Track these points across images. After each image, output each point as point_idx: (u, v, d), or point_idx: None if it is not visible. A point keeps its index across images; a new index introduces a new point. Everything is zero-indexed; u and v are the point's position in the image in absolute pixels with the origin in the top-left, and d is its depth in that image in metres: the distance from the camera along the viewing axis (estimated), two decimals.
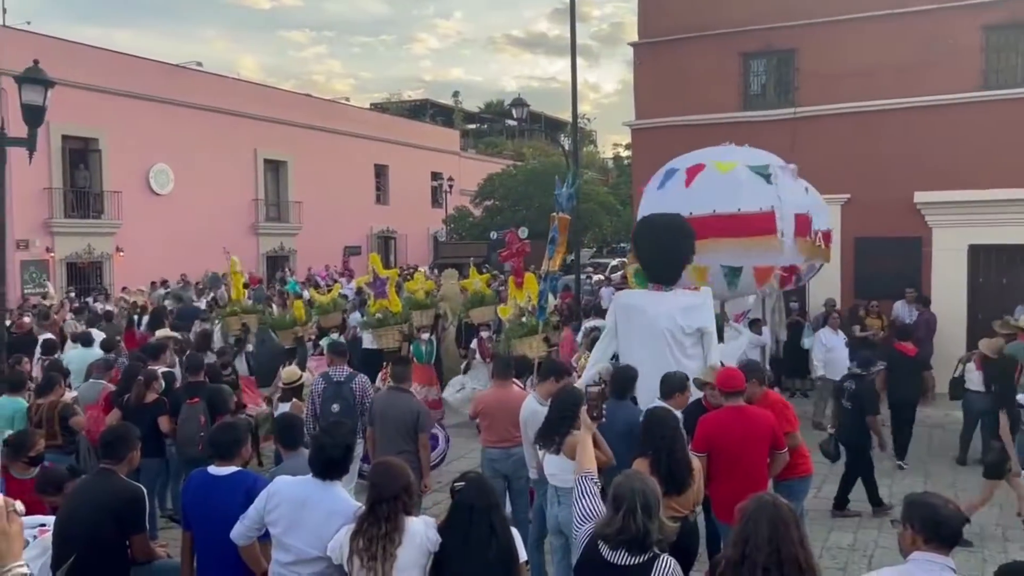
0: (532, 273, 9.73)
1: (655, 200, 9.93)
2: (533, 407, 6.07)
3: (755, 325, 10.97)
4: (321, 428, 4.29)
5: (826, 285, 14.12)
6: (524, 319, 9.07)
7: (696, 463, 4.88)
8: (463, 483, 3.71)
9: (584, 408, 4.28)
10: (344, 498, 4.07)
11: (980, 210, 13.22)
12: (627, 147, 41.41)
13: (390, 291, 10.49)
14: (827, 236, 10.48)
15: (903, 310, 13.35)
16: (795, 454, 5.98)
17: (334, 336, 11.54)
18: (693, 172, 9.84)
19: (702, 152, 10.42)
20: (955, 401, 9.82)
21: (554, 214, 9.38)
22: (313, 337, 12.01)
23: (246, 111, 28.72)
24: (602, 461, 4.48)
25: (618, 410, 5.57)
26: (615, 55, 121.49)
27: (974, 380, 9.42)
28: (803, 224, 9.61)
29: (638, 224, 8.19)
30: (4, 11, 25.67)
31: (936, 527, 3.12)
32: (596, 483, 3.81)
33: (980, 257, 13.63)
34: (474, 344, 11.83)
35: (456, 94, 65.26)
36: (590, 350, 9.56)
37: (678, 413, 5.65)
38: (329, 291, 13.65)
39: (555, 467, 5.36)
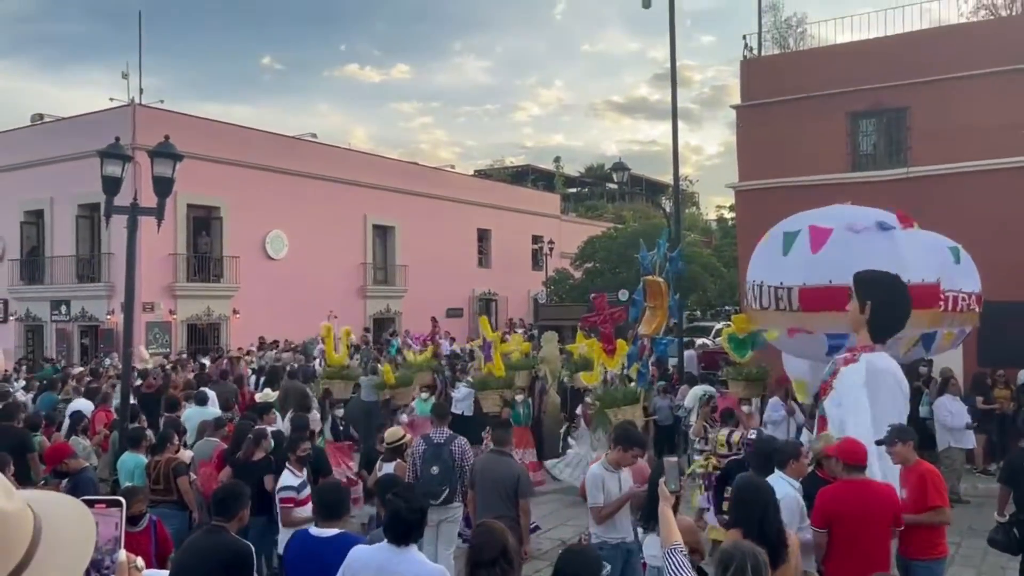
0: (623, 340, 9.60)
1: (779, 264, 9.17)
2: (597, 472, 6.06)
3: None
4: (394, 492, 4.26)
5: (949, 352, 13.36)
6: (615, 386, 8.93)
7: (793, 538, 4.59)
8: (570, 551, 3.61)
9: (663, 480, 4.09)
10: (421, 561, 4.03)
11: None
12: (730, 208, 40.86)
13: (495, 355, 10.57)
14: (979, 299, 9.62)
15: None
16: (936, 532, 5.67)
17: (424, 396, 11.71)
18: (821, 236, 9.19)
19: (821, 212, 9.83)
20: None
21: (645, 277, 9.29)
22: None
23: (356, 179, 29.93)
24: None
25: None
26: (717, 118, 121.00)
27: None
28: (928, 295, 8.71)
29: (864, 278, 7.58)
30: (141, 91, 27.92)
31: None
32: (685, 554, 3.65)
33: None
34: (579, 410, 11.72)
35: (557, 159, 66.18)
36: (708, 420, 9.32)
37: (795, 482, 5.42)
38: (422, 353, 13.83)
39: (657, 548, 5.19)
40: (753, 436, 8.13)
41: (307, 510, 6.28)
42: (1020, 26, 14.62)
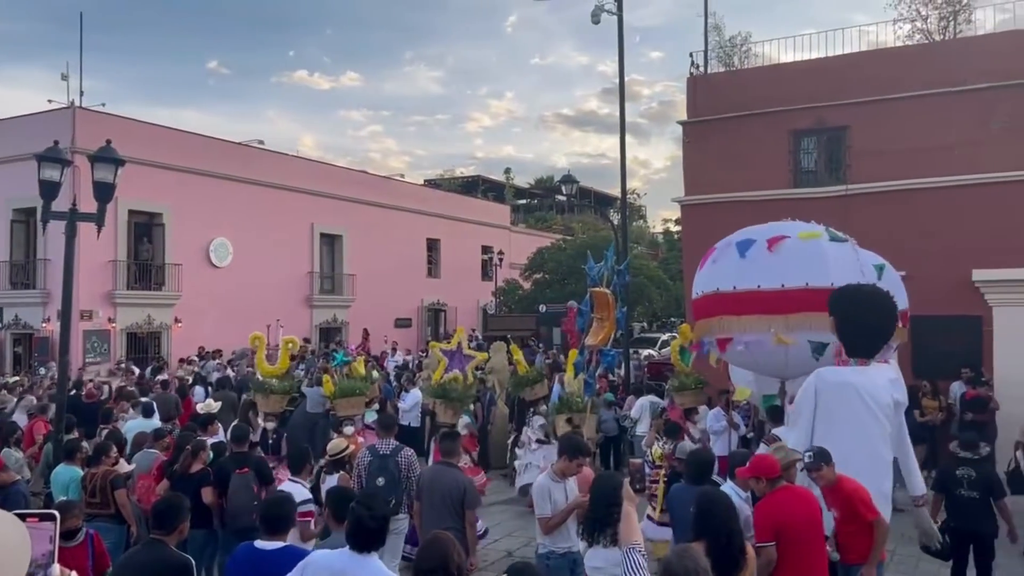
0: (574, 350, 9.71)
1: (735, 268, 9.42)
2: (544, 483, 6.08)
3: None
4: (357, 499, 4.28)
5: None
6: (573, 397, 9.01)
7: (751, 551, 4.64)
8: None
9: (627, 480, 4.21)
10: (381, 569, 4.02)
11: None
12: (677, 222, 41.47)
13: (469, 369, 10.52)
14: (904, 316, 9.88)
15: (959, 391, 12.93)
16: (874, 539, 5.77)
17: (376, 408, 11.62)
18: (775, 242, 9.43)
19: (769, 226, 10.05)
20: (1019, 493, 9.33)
21: (592, 289, 9.39)
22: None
23: (304, 187, 29.62)
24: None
25: (687, 495, 5.43)
26: (664, 132, 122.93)
27: None
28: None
29: (839, 295, 7.66)
30: (81, 93, 27.22)
31: None
32: (643, 555, 3.71)
33: None
34: (532, 420, 11.69)
35: (507, 170, 66.44)
36: (660, 432, 9.43)
37: (743, 492, 5.48)
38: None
39: (602, 560, 5.24)
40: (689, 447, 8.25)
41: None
42: (952, 51, 15.20)
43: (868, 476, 5.85)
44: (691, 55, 17.17)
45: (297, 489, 6.43)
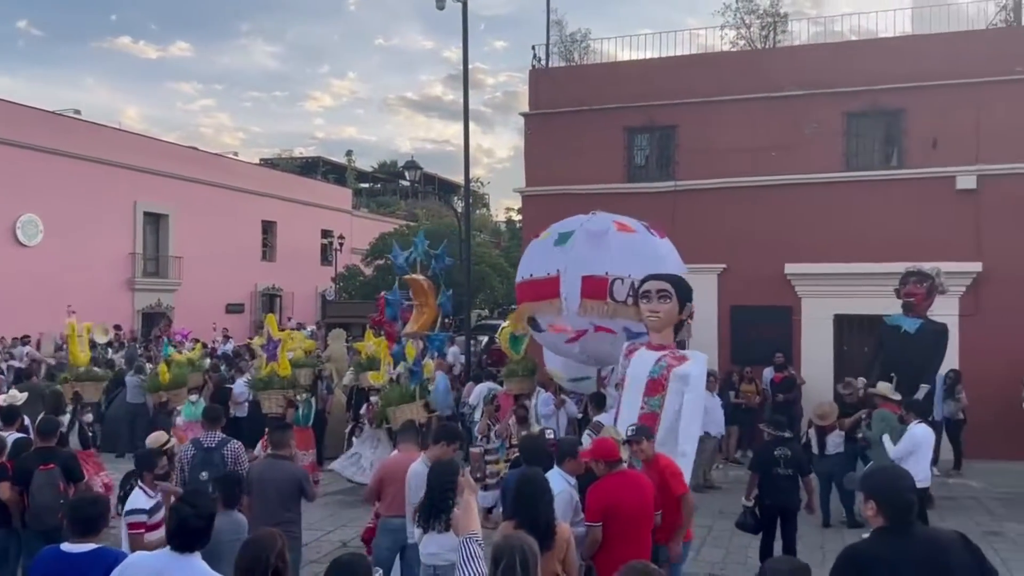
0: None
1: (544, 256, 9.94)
2: (420, 470, 5.98)
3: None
4: (181, 496, 4.08)
5: (704, 351, 14.68)
6: (399, 384, 8.97)
7: (564, 528, 4.81)
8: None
9: (467, 470, 4.26)
10: (205, 570, 3.85)
11: (844, 282, 14.15)
12: (519, 211, 42.24)
13: (281, 354, 10.21)
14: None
15: (769, 375, 14.03)
16: (681, 517, 6.09)
17: (192, 399, 11.13)
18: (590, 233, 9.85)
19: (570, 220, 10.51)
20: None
21: (403, 276, 9.36)
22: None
23: (126, 162, 27.69)
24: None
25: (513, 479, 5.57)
26: (508, 122, 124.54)
27: (814, 445, 9.98)
28: (595, 285, 9.14)
29: (683, 282, 8.28)
30: None
31: None
32: (480, 544, 3.77)
33: (844, 326, 14.52)
34: (364, 409, 11.58)
35: (349, 153, 65.04)
36: (492, 419, 9.56)
37: (572, 479, 5.63)
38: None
39: (437, 546, 5.25)
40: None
41: (160, 534, 5.64)
42: (771, 59, 16.31)
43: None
44: (533, 48, 17.47)
45: (137, 496, 5.86)
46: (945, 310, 12.86)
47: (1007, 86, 13.87)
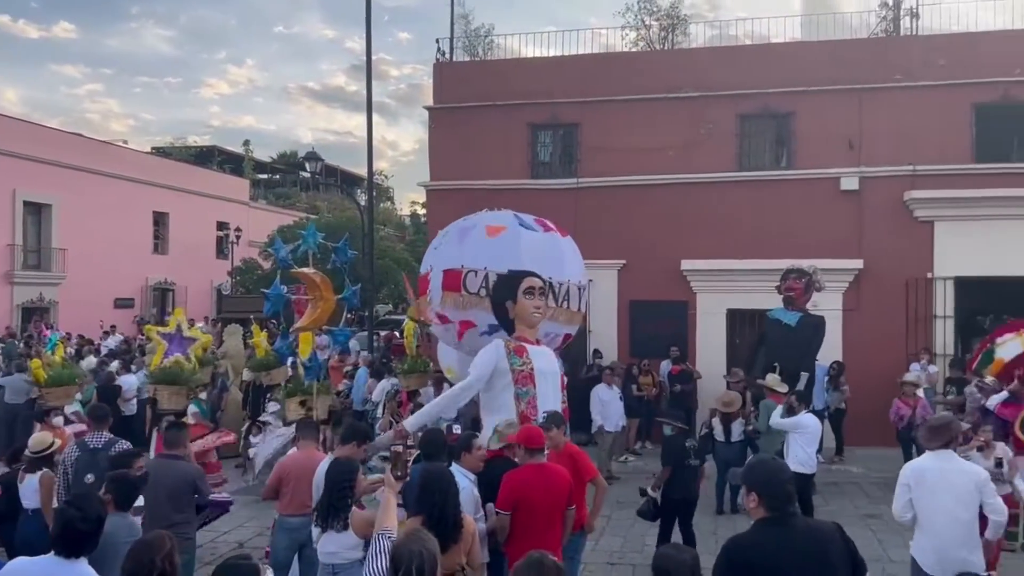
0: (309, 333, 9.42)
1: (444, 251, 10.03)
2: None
3: None
4: (67, 500, 3.91)
5: (605, 345, 15.06)
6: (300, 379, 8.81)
7: (470, 522, 4.84)
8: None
9: (388, 468, 4.26)
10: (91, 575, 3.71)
11: (736, 278, 14.70)
12: (424, 205, 41.99)
13: (196, 349, 9.84)
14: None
15: (666, 368, 14.46)
16: (583, 510, 6.20)
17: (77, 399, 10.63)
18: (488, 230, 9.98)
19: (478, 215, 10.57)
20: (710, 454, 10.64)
21: (289, 270, 9.19)
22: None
23: (3, 148, 26.08)
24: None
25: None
26: (413, 115, 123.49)
27: (719, 432, 10.35)
28: (450, 278, 9.25)
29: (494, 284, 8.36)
30: None
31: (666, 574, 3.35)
32: (392, 540, 3.77)
33: (736, 320, 15.10)
34: (270, 407, 11.24)
35: (247, 143, 62.94)
36: (394, 415, 9.47)
37: (471, 475, 5.64)
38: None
39: (335, 545, 5.18)
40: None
41: None
42: (669, 60, 16.77)
43: None
44: (438, 41, 17.39)
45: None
46: (829, 305, 13.58)
47: (887, 92, 14.69)
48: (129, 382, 13.12)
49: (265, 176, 60.97)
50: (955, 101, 14.46)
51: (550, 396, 7.34)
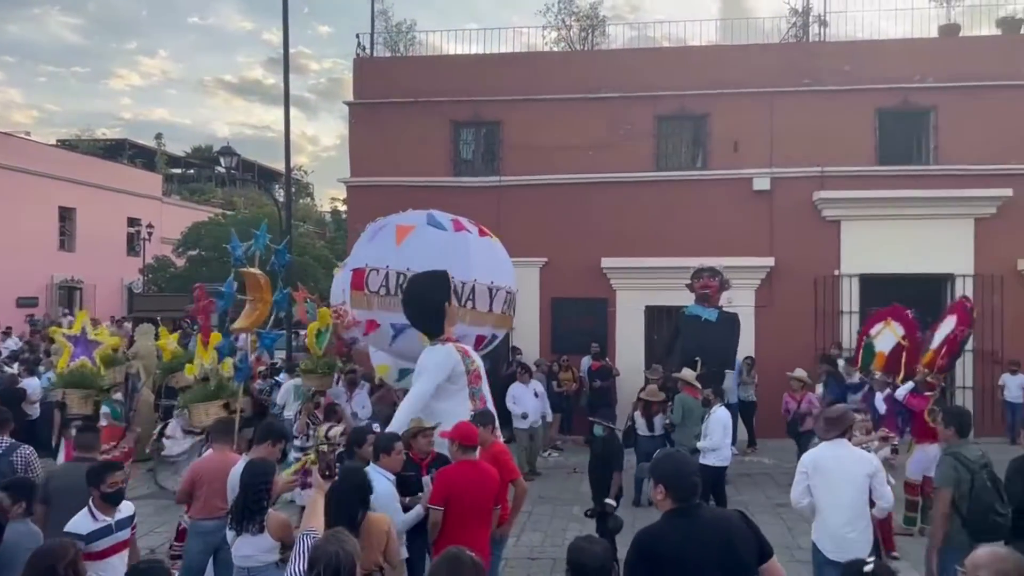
0: (218, 332, 9.19)
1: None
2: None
3: None
4: None
5: (528, 342, 15.17)
6: (211, 380, 8.56)
7: (384, 521, 4.83)
8: None
9: (317, 467, 4.24)
10: None
11: (654, 275, 15.00)
12: (345, 202, 41.42)
13: (103, 352, 9.43)
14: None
15: (586, 364, 14.68)
16: (505, 507, 6.24)
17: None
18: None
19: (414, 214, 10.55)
20: (630, 448, 10.86)
21: (240, 269, 8.99)
22: None
23: None
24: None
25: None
26: (334, 110, 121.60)
27: (641, 426, 10.56)
28: (356, 277, 9.46)
29: (407, 281, 8.19)
30: None
31: (580, 568, 3.43)
32: (315, 539, 3.75)
33: (654, 317, 15.42)
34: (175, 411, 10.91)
35: (159, 136, 60.85)
36: (311, 416, 9.31)
37: (390, 475, 5.61)
38: None
39: (251, 548, 5.07)
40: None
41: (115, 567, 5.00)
42: (589, 61, 16.95)
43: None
44: (357, 36, 17.20)
45: (80, 519, 5.11)
46: (742, 302, 14.05)
47: (797, 96, 15.23)
48: (32, 385, 12.58)
49: (179, 171, 59.09)
50: (860, 105, 15.11)
51: (488, 393, 7.45)
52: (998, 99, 14.74)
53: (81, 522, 5.04)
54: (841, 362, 12.50)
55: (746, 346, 13.76)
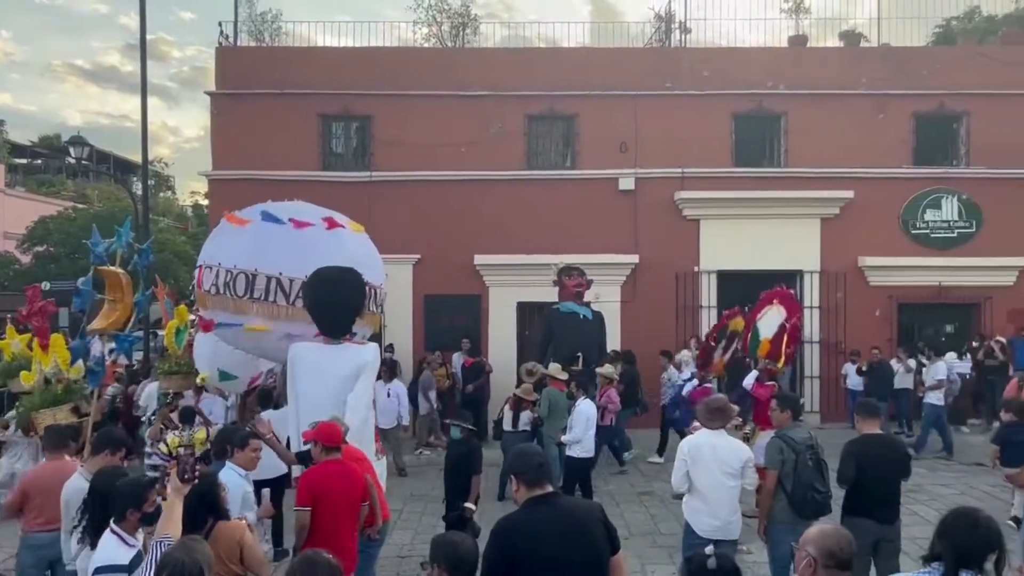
0: (59, 335, 8.66)
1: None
2: (79, 485, 5.41)
3: None
4: None
5: (400, 338, 15.08)
6: (52, 385, 8.08)
7: (235, 528, 4.65)
8: None
9: (174, 471, 4.12)
10: None
11: (525, 272, 15.23)
12: (207, 195, 39.79)
13: None
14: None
15: (459, 360, 14.75)
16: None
17: None
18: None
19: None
20: (497, 441, 11.00)
21: (99, 267, 8.54)
22: None
23: None
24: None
25: None
26: (197, 99, 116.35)
27: (507, 421, 10.73)
28: (199, 275, 9.11)
29: (310, 277, 7.71)
30: None
31: (459, 563, 3.49)
32: (169, 546, 3.64)
33: (525, 313, 15.66)
34: (11, 414, 10.18)
35: (1, 123, 56.44)
36: (166, 421, 8.89)
37: (242, 471, 5.49)
38: None
39: (86, 562, 4.79)
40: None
41: None
42: (462, 58, 16.96)
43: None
44: (220, 24, 16.53)
45: (108, 546, 4.30)
46: (609, 297, 14.49)
47: (659, 99, 15.82)
48: None
49: (24, 161, 54.99)
50: (717, 109, 15.87)
51: None
52: (841, 106, 15.82)
53: (115, 550, 4.15)
54: (687, 354, 13.12)
55: (612, 340, 14.21)
